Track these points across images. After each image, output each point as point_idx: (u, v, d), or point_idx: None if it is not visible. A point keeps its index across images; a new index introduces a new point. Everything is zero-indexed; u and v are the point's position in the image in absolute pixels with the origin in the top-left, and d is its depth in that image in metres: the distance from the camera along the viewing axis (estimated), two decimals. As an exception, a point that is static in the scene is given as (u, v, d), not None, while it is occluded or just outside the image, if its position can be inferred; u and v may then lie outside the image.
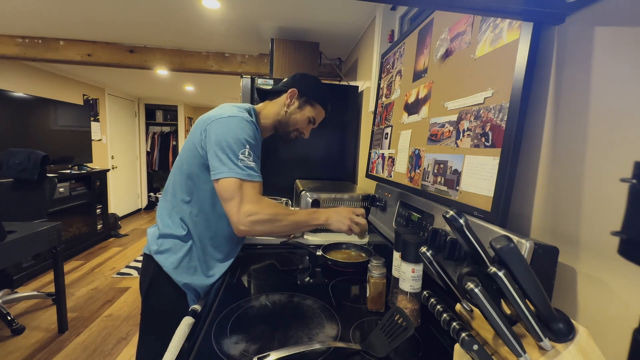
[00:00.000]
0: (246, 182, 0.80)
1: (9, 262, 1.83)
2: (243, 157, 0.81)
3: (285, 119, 1.01)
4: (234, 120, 0.84)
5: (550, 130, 0.61)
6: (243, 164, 0.80)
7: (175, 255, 0.87)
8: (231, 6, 1.86)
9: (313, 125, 1.06)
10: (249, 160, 0.82)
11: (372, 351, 0.61)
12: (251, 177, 0.81)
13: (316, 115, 1.04)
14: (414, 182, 0.97)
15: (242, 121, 0.84)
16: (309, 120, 1.03)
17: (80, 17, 2.12)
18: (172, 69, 2.75)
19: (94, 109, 4.36)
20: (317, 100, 1.03)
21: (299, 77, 1.04)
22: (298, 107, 1.01)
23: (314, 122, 1.05)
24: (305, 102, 1.01)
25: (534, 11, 0.57)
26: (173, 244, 0.88)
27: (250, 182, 0.81)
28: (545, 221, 0.61)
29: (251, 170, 0.81)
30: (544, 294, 0.39)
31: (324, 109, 1.05)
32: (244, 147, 0.82)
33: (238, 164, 0.80)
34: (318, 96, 1.03)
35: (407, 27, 1.65)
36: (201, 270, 0.89)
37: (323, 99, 1.04)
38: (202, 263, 0.90)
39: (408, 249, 0.69)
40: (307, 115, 1.02)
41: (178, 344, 0.69)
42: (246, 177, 0.80)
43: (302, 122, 1.02)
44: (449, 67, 0.87)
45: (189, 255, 0.88)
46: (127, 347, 1.94)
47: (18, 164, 2.33)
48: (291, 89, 1.00)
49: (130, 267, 3.19)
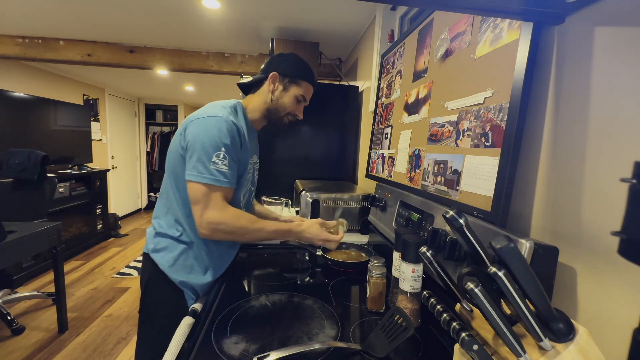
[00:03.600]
0: (214, 187, 0.78)
1: (9, 262, 1.83)
2: (216, 160, 0.78)
3: (274, 106, 0.96)
4: (212, 120, 0.81)
5: (550, 130, 0.60)
6: (215, 167, 0.78)
7: (171, 254, 0.87)
8: (231, 6, 1.86)
9: (305, 103, 1.00)
10: (223, 164, 0.80)
11: (372, 351, 0.61)
12: (219, 183, 0.79)
13: (304, 92, 0.98)
14: (414, 182, 0.97)
15: (220, 121, 0.81)
16: (298, 99, 0.97)
17: (80, 17, 2.12)
18: (172, 69, 2.75)
19: (94, 109, 4.36)
20: (302, 77, 0.96)
21: (276, 59, 0.98)
22: (283, 89, 0.96)
23: (304, 99, 0.99)
24: (289, 82, 0.96)
25: (534, 11, 0.57)
26: (169, 242, 0.88)
27: (218, 188, 0.79)
28: (545, 221, 0.61)
29: (221, 176, 0.79)
30: (544, 294, 0.39)
31: (310, 83, 0.98)
32: (219, 149, 0.79)
33: (209, 167, 0.78)
34: (301, 72, 0.97)
35: (407, 27, 1.65)
36: (198, 269, 0.89)
37: (307, 74, 0.97)
38: (199, 262, 0.89)
39: (408, 249, 0.69)
40: (294, 95, 0.96)
41: (178, 344, 0.69)
42: (214, 182, 0.78)
43: (292, 104, 0.97)
44: (449, 67, 0.87)
45: (185, 254, 0.88)
46: (127, 347, 1.94)
47: (18, 164, 2.33)
48: (271, 73, 0.95)
49: (130, 267, 3.19)
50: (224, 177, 0.80)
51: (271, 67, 0.96)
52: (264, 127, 1.04)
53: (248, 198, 1.01)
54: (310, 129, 2.13)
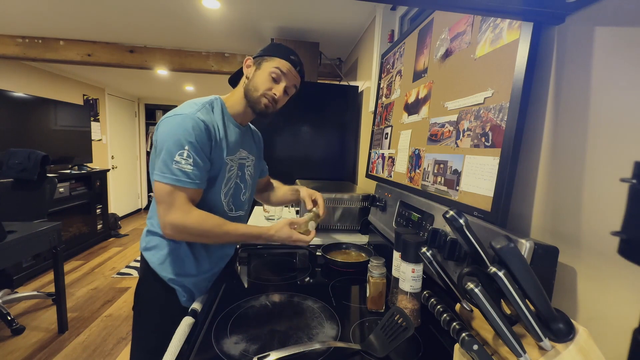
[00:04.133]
0: (176, 188, 0.76)
1: (9, 262, 1.83)
2: (179, 160, 0.76)
3: (249, 87, 0.90)
4: (177, 119, 0.78)
5: (550, 130, 0.60)
6: (178, 167, 0.76)
7: (161, 252, 0.87)
8: (231, 6, 1.86)
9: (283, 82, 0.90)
10: (187, 163, 0.76)
11: (372, 351, 0.61)
12: (181, 184, 0.76)
13: (279, 66, 0.88)
14: (414, 182, 0.97)
15: (184, 120, 0.78)
16: (272, 77, 0.88)
17: (80, 17, 2.12)
18: (172, 69, 2.75)
19: (94, 109, 4.36)
20: (273, 54, 0.90)
21: None
22: (256, 69, 0.90)
23: (280, 76, 0.89)
24: (261, 61, 0.90)
25: (534, 11, 0.57)
26: (159, 241, 0.88)
27: (181, 189, 0.77)
28: (545, 221, 0.61)
29: (184, 176, 0.76)
30: (544, 294, 0.39)
31: (283, 58, 0.89)
32: (182, 148, 0.76)
33: (172, 167, 0.75)
34: (273, 50, 0.91)
35: (407, 27, 1.65)
36: (187, 267, 0.89)
37: (279, 51, 0.91)
38: (188, 260, 0.89)
39: (408, 249, 0.69)
40: (267, 72, 0.88)
41: (178, 344, 0.69)
42: (175, 182, 0.76)
43: (265, 81, 0.88)
44: (449, 67, 0.87)
45: (174, 252, 0.88)
46: (127, 347, 1.94)
47: (18, 164, 2.33)
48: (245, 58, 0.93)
49: (130, 267, 3.19)
50: (186, 177, 0.76)
51: None
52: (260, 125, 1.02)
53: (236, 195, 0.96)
54: (310, 129, 2.13)
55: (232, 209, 0.94)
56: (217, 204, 0.89)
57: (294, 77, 0.92)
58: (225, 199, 0.92)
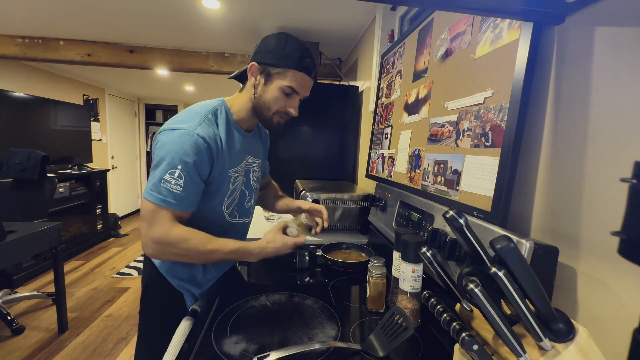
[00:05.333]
0: (161, 208, 0.71)
1: (9, 262, 1.83)
2: (169, 179, 0.71)
3: (258, 103, 0.81)
4: (176, 134, 0.73)
5: (550, 130, 0.60)
6: (166, 186, 0.71)
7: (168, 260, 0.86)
8: (231, 6, 1.86)
9: (297, 95, 0.81)
10: (176, 183, 0.71)
11: (372, 351, 0.61)
12: (166, 204, 0.71)
13: (292, 83, 0.78)
14: (414, 182, 0.97)
15: (183, 137, 0.72)
16: (285, 92, 0.79)
17: (80, 17, 2.12)
18: (172, 69, 2.75)
19: (94, 109, 4.36)
20: (285, 64, 0.77)
21: (259, 44, 0.81)
22: (265, 82, 0.79)
23: (294, 91, 0.79)
24: (270, 72, 0.78)
25: (534, 11, 0.57)
26: None
27: (165, 209, 0.72)
28: (545, 221, 0.61)
29: (170, 197, 0.71)
30: (544, 294, 0.39)
31: (300, 69, 0.78)
32: (174, 167, 0.71)
33: (160, 186, 0.71)
34: (284, 59, 0.76)
35: (407, 27, 1.65)
36: (195, 274, 0.88)
37: (291, 60, 0.77)
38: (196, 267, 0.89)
39: (408, 249, 0.69)
40: (279, 88, 0.78)
41: (178, 344, 0.69)
42: (160, 202, 0.71)
43: (278, 99, 0.79)
44: (449, 67, 0.87)
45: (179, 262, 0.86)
46: (127, 347, 1.94)
47: (18, 164, 2.33)
48: (249, 64, 0.80)
49: (130, 267, 3.18)
50: (172, 199, 0.71)
51: (253, 56, 0.81)
52: None
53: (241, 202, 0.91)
54: (310, 129, 2.13)
55: (235, 216, 0.91)
56: (218, 215, 0.85)
57: (309, 85, 0.82)
58: (228, 210, 0.87)
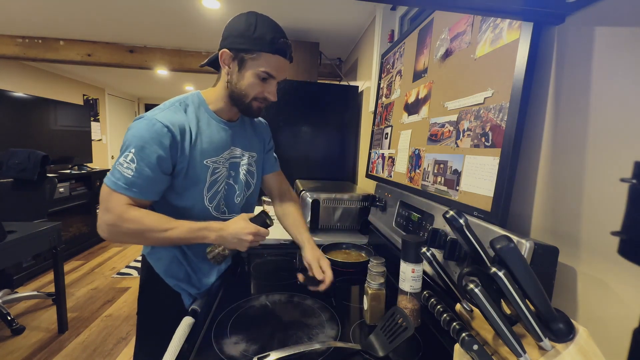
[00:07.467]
0: (114, 192, 0.71)
1: (9, 262, 1.83)
2: (122, 162, 0.70)
3: (233, 91, 0.78)
4: (137, 122, 0.73)
5: (550, 130, 0.61)
6: (119, 169, 0.70)
7: (165, 259, 0.86)
8: (231, 6, 1.86)
9: (274, 79, 0.78)
10: (128, 167, 0.70)
11: (372, 351, 0.61)
12: (117, 188, 0.70)
13: (268, 67, 0.74)
14: (414, 182, 0.97)
15: (141, 123, 0.71)
16: (261, 78, 0.75)
17: (80, 17, 2.12)
18: (172, 69, 2.75)
19: (94, 109, 4.36)
20: (259, 48, 0.72)
21: (226, 28, 0.76)
22: (238, 70, 0.75)
23: (272, 75, 0.76)
24: (243, 60, 0.74)
25: (534, 11, 0.57)
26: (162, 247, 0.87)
27: (118, 194, 0.71)
28: (545, 221, 0.61)
29: (122, 181, 0.70)
30: (544, 294, 0.39)
31: (274, 52, 0.73)
32: (127, 151, 0.70)
33: (116, 168, 0.71)
34: (256, 41, 0.72)
35: (407, 27, 1.65)
36: (192, 274, 0.88)
37: (265, 42, 0.72)
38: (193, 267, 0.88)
39: (408, 249, 0.69)
40: (254, 74, 0.74)
41: (178, 344, 0.69)
42: (112, 185, 0.70)
43: (254, 86, 0.76)
44: (449, 67, 0.87)
45: (177, 260, 0.87)
46: (127, 347, 1.94)
47: (18, 164, 2.33)
48: (221, 51, 0.76)
49: (130, 267, 3.18)
50: (124, 183, 0.70)
51: (222, 41, 0.76)
52: None
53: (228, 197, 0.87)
54: (310, 129, 2.13)
55: (224, 212, 0.87)
56: (201, 209, 0.82)
57: (286, 67, 0.79)
58: (212, 204, 0.84)
